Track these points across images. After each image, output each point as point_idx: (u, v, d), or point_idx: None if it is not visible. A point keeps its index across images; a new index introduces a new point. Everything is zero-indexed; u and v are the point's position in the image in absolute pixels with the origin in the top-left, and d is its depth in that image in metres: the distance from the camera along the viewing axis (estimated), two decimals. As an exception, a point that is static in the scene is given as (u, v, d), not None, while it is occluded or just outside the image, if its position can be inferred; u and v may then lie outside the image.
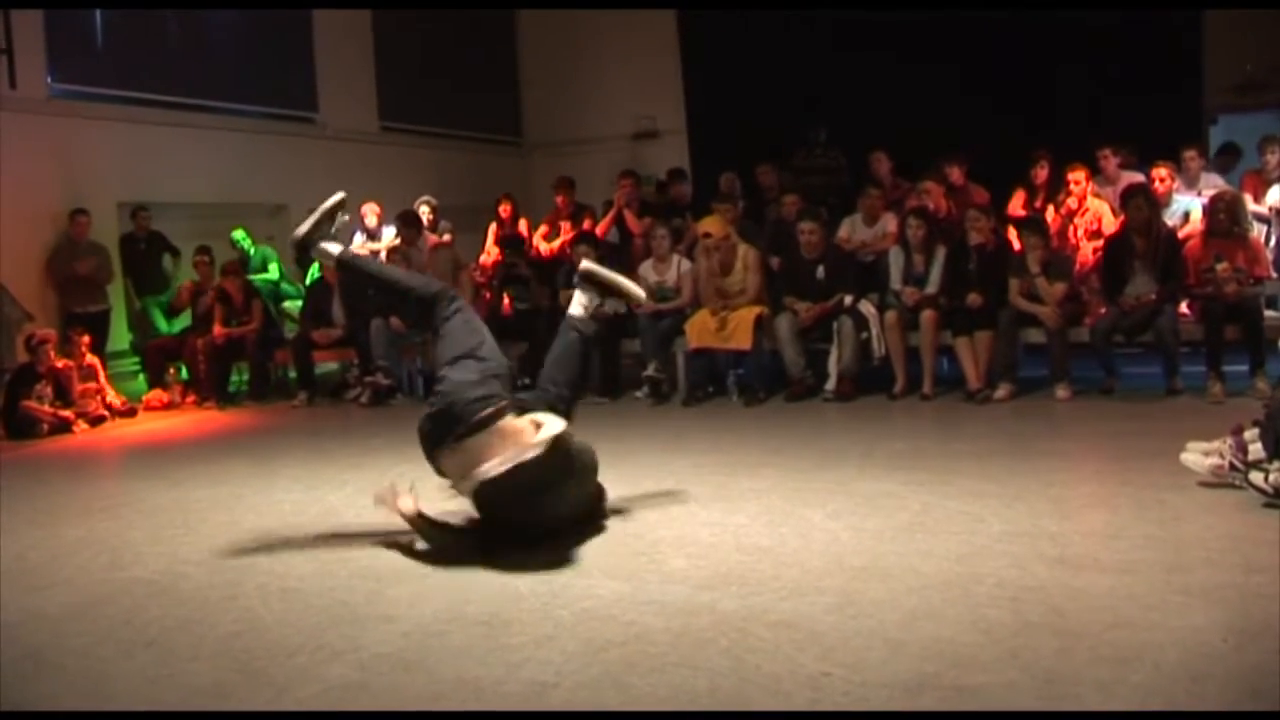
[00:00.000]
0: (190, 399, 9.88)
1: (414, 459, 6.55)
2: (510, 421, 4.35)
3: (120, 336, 10.53)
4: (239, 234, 11.24)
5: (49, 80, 10.13)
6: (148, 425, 8.96)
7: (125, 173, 10.60)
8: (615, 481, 5.09)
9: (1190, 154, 9.15)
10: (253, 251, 11.27)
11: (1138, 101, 11.27)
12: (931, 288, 8.04)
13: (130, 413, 9.23)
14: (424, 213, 11.00)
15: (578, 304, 5.19)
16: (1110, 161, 9.16)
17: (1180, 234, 8.00)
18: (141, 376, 10.15)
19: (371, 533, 4.85)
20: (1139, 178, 8.70)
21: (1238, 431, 4.78)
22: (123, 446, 8.18)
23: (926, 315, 7.85)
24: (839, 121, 11.27)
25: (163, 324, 10.55)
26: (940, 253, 8.08)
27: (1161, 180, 8.53)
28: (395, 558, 4.44)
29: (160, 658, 3.46)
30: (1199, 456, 4.81)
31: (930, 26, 12.31)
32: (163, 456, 7.46)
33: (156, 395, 9.79)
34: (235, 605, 3.94)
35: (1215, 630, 3.18)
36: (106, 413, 8.99)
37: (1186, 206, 8.55)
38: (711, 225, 8.57)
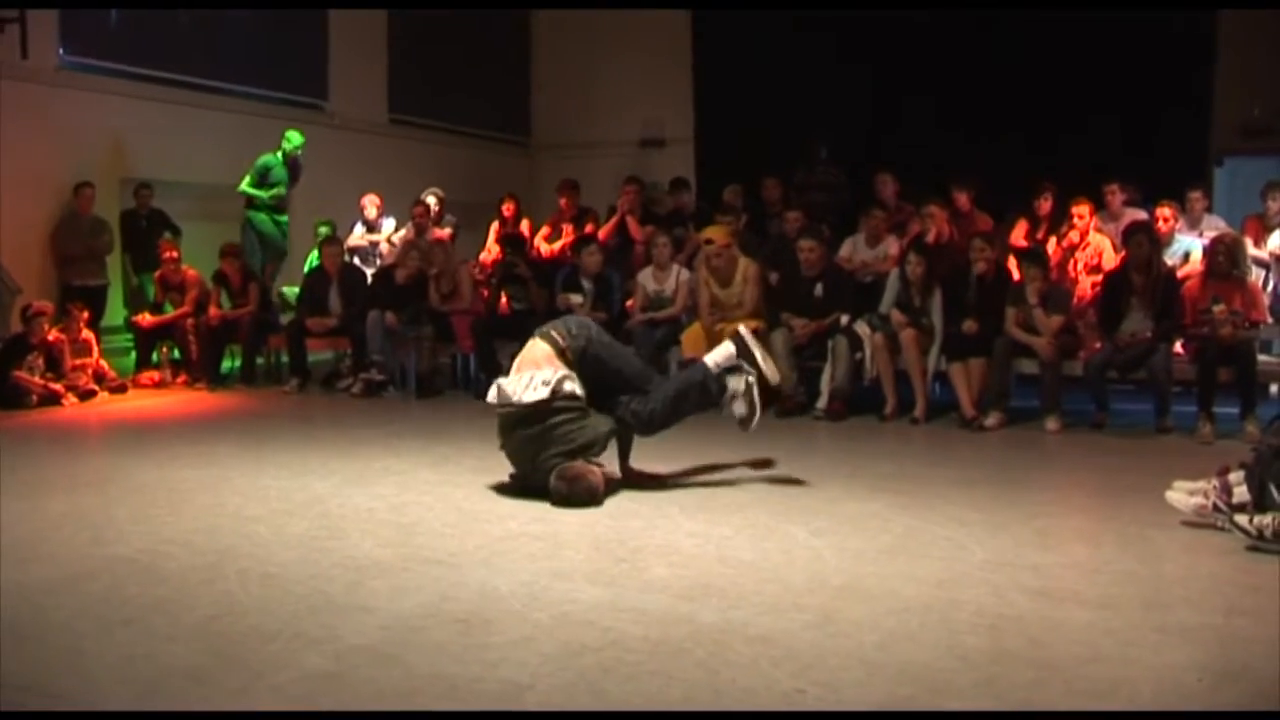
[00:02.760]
0: (181, 379, 9.87)
1: (403, 453, 6.62)
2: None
3: (116, 312, 10.53)
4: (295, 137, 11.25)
5: (60, 52, 10.14)
6: (138, 402, 8.95)
7: (130, 149, 10.62)
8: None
9: (1195, 194, 9.19)
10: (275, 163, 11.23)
11: (1146, 139, 11.33)
12: (935, 317, 8.01)
13: (121, 388, 9.22)
14: (430, 204, 11.02)
15: (719, 357, 5.64)
16: (1116, 197, 9.19)
17: (1179, 274, 8.03)
18: (133, 354, 10.13)
19: (355, 523, 4.87)
20: (1142, 215, 8.74)
21: (1223, 473, 4.80)
22: (111, 422, 8.18)
23: (907, 334, 7.83)
24: (842, 139, 11.30)
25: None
26: (937, 295, 8.03)
27: (1165, 220, 8.56)
28: (377, 549, 4.45)
29: (138, 636, 3.47)
30: (1184, 495, 4.83)
31: (943, 53, 12.37)
32: (151, 434, 7.46)
33: (148, 374, 9.78)
34: (215, 588, 3.95)
35: (1191, 669, 3.20)
36: (97, 387, 8.98)
37: (1187, 247, 8.59)
38: (714, 233, 8.58)
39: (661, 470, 5.75)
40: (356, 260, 10.93)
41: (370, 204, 11.17)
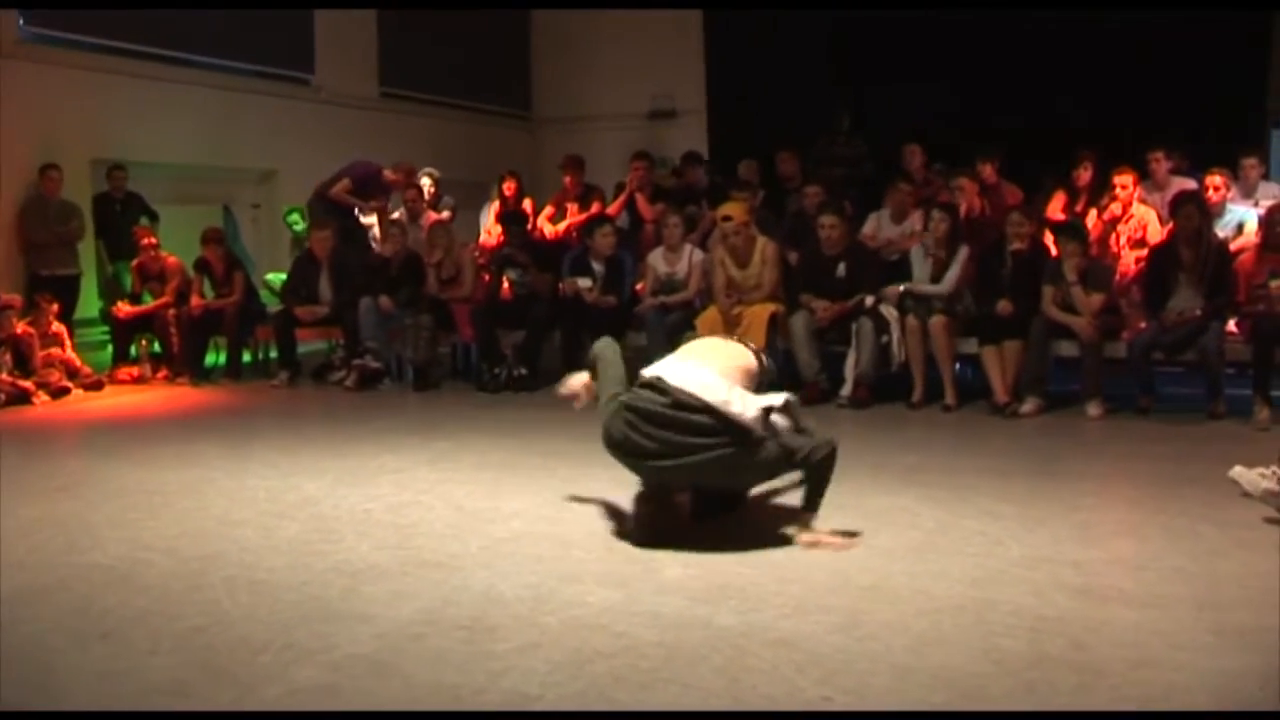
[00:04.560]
0: (162, 374, 9.89)
1: (399, 449, 6.64)
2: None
3: (90, 303, 10.53)
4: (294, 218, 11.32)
5: (20, 22, 10.05)
6: (114, 400, 8.98)
7: (101, 128, 10.58)
8: (609, 483, 5.11)
9: (1250, 161, 9.12)
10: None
11: (1195, 102, 11.25)
12: (945, 286, 8.02)
13: (96, 385, 9.24)
14: (425, 185, 11.02)
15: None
16: (1161, 165, 9.12)
17: (1232, 246, 7.97)
18: (110, 348, 10.16)
19: (350, 525, 4.88)
20: (1191, 184, 8.67)
21: (1287, 460, 4.78)
22: (86, 421, 8.20)
23: (937, 321, 7.83)
24: (865, 109, 11.27)
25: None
26: (962, 252, 8.05)
27: (1216, 189, 8.49)
28: (374, 553, 4.46)
29: (116, 650, 3.48)
30: (1255, 475, 4.77)
31: (974, 15, 12.32)
32: (129, 434, 7.48)
33: (126, 369, 9.81)
34: (199, 597, 3.96)
35: (1250, 676, 3.18)
36: (70, 384, 9.00)
37: (1241, 217, 8.52)
38: (732, 209, 8.57)
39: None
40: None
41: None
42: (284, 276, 10.61)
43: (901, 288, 8.11)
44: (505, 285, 9.57)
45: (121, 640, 3.56)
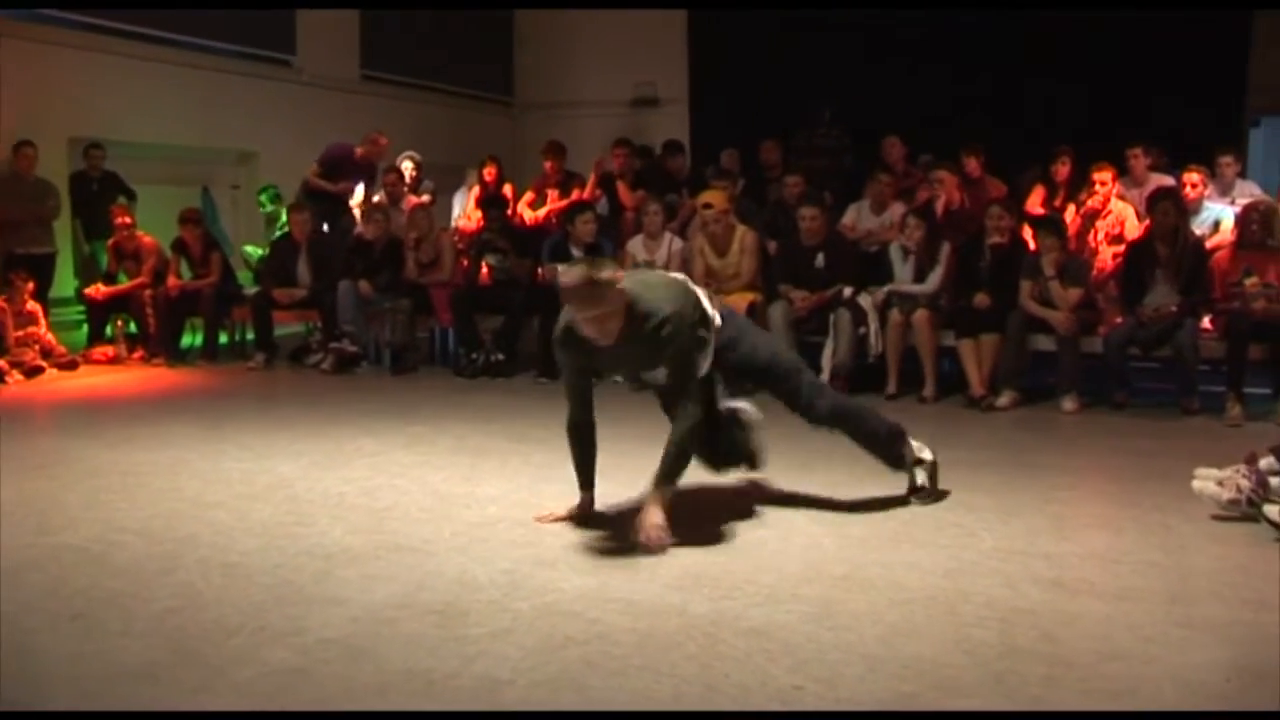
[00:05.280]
0: (138, 354, 9.84)
1: (377, 433, 6.62)
2: None
3: (65, 282, 10.46)
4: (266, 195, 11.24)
5: (-4, -1, 9.98)
6: (89, 380, 8.93)
7: (80, 106, 10.49)
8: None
9: (1226, 159, 9.16)
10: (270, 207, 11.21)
11: (1174, 99, 11.30)
12: (930, 285, 8.04)
13: (71, 365, 9.19)
14: (407, 169, 10.98)
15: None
16: (1140, 161, 9.16)
17: (1209, 244, 8.01)
18: (85, 328, 10.10)
19: (324, 508, 4.87)
20: (1169, 181, 8.71)
21: (1252, 460, 4.81)
22: (60, 401, 8.16)
23: (920, 315, 7.85)
24: (847, 100, 11.28)
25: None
26: (944, 250, 8.07)
27: (1193, 185, 8.53)
28: (348, 536, 4.45)
29: (87, 631, 3.46)
30: (1213, 485, 4.81)
31: (957, 11, 12.36)
32: (103, 414, 7.44)
33: (101, 349, 9.75)
34: (172, 579, 3.95)
35: (1218, 669, 3.21)
36: (44, 363, 8.95)
37: (1218, 215, 8.56)
38: (713, 197, 8.57)
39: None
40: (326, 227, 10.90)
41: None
42: (260, 252, 10.57)
43: (886, 289, 8.12)
44: (484, 270, 9.55)
45: (93, 621, 3.54)
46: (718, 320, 4.66)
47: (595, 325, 4.31)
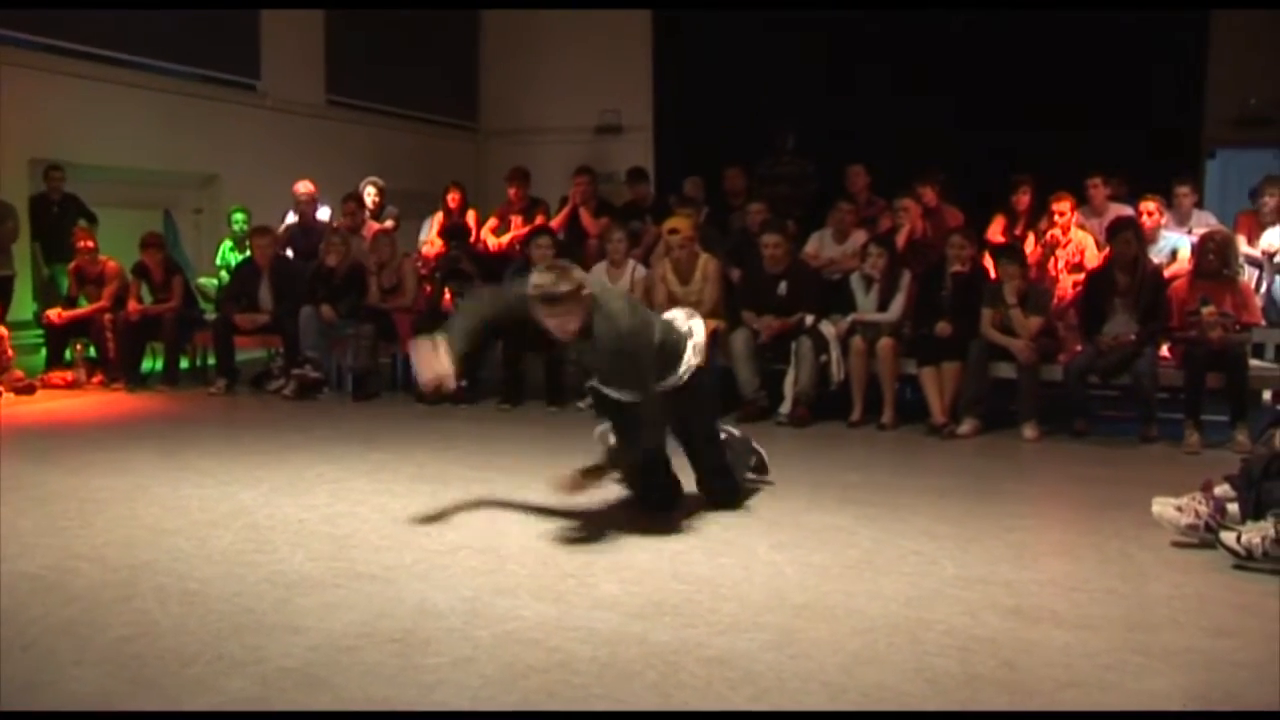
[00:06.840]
0: (97, 379, 9.75)
1: (336, 459, 6.58)
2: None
3: (24, 306, 10.37)
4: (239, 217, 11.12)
5: (-49, 19, 9.91)
6: (47, 404, 8.83)
7: (41, 127, 10.42)
8: (546, 498, 5.10)
9: (1183, 189, 9.28)
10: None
11: (1132, 130, 11.45)
12: (893, 314, 8.08)
13: (29, 389, 9.09)
14: (369, 195, 10.95)
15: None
16: (1099, 191, 9.26)
17: (1166, 273, 8.11)
18: (43, 351, 10.00)
19: (284, 535, 4.82)
20: (1128, 210, 8.80)
21: (1208, 488, 4.85)
22: (16, 426, 8.04)
23: (884, 344, 7.90)
24: (811, 128, 11.35)
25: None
26: (904, 278, 8.13)
27: (1150, 215, 8.64)
28: (307, 564, 4.41)
29: (39, 661, 3.41)
30: (1174, 511, 4.83)
31: (918, 39, 12.50)
32: (61, 439, 7.36)
33: (59, 373, 9.65)
34: (129, 607, 3.90)
35: (1176, 696, 3.23)
36: (1, 387, 8.85)
37: (1175, 244, 8.66)
38: (679, 223, 8.59)
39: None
40: (289, 252, 10.85)
41: (303, 191, 11.08)
42: (215, 281, 10.50)
43: (849, 319, 8.15)
44: (447, 296, 9.53)
45: (46, 650, 3.49)
46: (692, 363, 5.11)
47: (556, 323, 4.77)
